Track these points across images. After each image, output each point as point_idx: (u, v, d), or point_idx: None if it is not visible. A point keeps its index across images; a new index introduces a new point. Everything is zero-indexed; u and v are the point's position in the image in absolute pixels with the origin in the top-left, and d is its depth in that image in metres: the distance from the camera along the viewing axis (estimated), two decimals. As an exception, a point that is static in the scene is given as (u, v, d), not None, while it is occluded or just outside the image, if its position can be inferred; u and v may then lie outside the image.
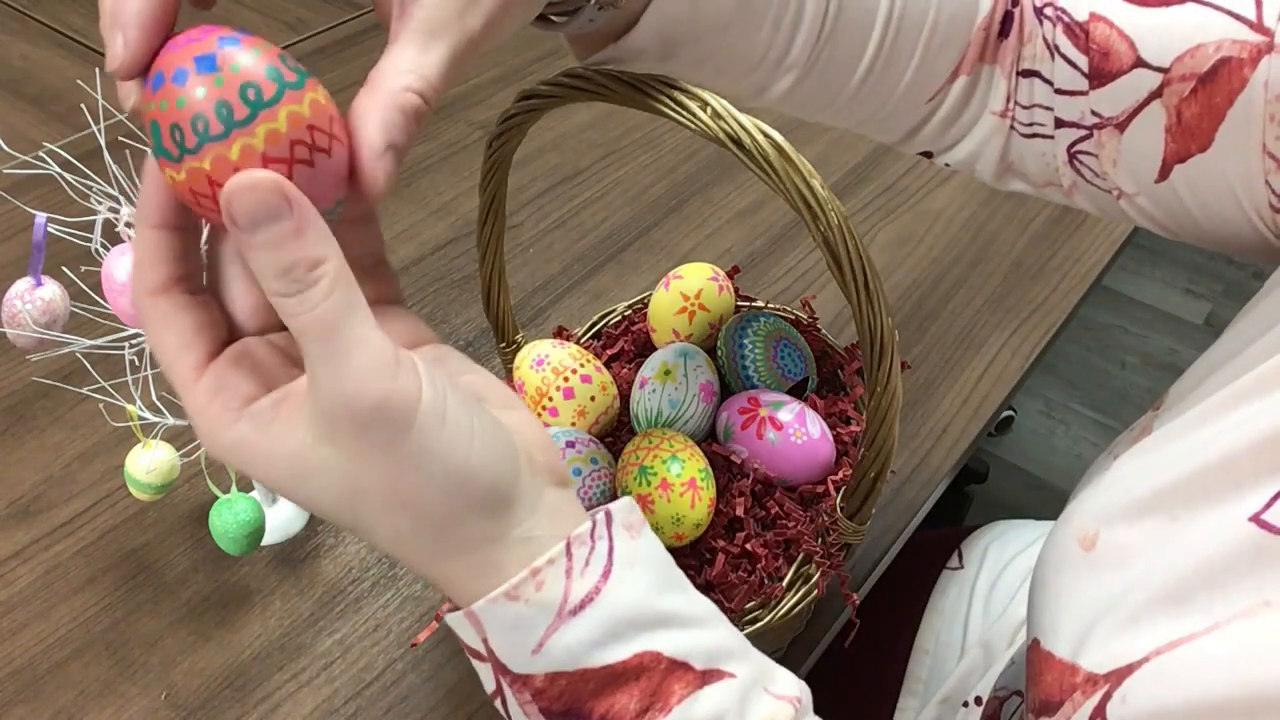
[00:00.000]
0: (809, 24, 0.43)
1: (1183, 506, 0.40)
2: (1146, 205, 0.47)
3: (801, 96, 0.47)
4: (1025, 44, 0.47)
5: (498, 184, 0.49)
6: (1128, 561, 0.41)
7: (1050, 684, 0.42)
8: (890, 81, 0.47)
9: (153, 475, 0.58)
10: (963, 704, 0.67)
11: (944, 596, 0.80)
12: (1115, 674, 0.39)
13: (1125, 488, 0.43)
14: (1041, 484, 1.73)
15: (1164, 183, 0.45)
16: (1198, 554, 0.38)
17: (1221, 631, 0.36)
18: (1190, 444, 0.42)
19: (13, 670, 0.60)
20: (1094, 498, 0.45)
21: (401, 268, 0.87)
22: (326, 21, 1.22)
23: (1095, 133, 0.46)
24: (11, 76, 1.12)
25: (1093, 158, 0.47)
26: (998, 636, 0.72)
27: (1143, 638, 0.38)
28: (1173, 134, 0.44)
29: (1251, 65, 0.41)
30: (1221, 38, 0.41)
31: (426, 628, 0.61)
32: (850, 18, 0.44)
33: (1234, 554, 0.37)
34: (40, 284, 0.54)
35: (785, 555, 0.50)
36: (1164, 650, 0.37)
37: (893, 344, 0.40)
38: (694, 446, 0.51)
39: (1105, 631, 0.40)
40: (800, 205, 0.37)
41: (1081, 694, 0.40)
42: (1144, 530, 0.41)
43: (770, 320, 0.57)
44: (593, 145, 1.01)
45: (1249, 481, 0.38)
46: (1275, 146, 0.41)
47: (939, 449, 0.72)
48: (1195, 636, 0.37)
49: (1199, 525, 0.39)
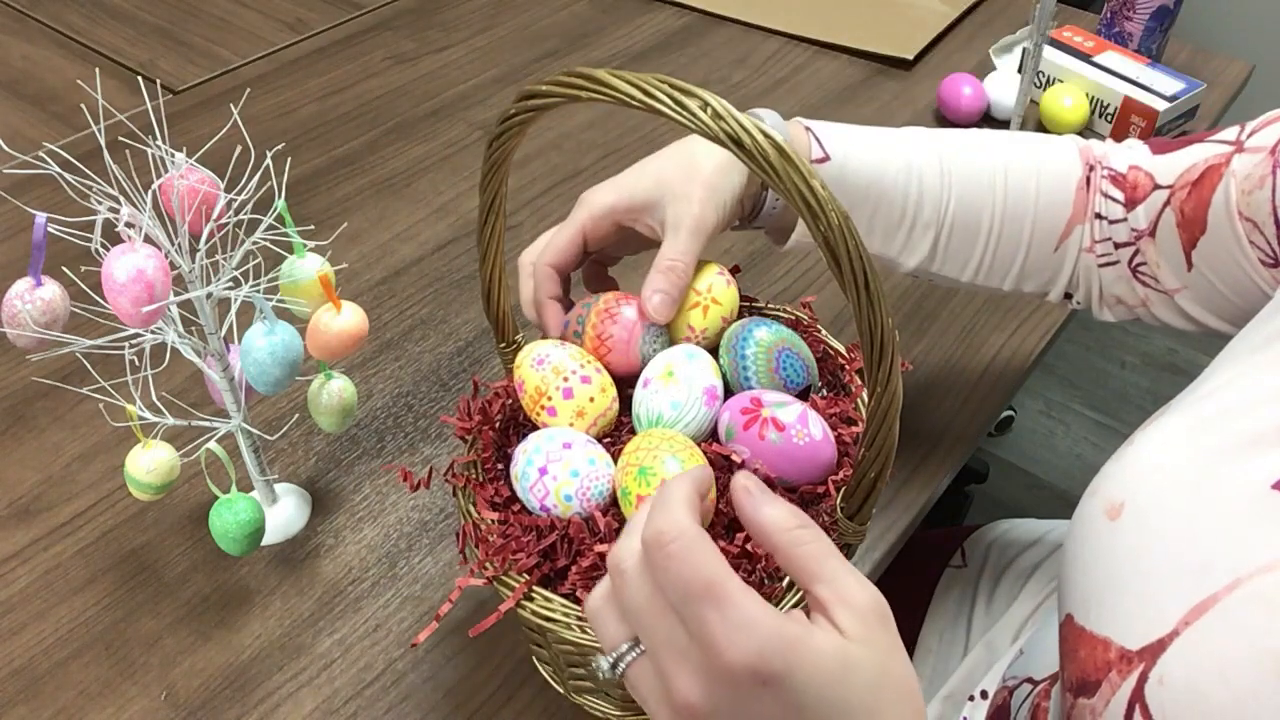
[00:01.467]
0: (931, 199, 0.61)
1: (1204, 473, 0.41)
2: (1190, 297, 0.60)
3: (945, 255, 0.64)
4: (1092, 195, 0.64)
5: (498, 184, 0.49)
6: (1152, 528, 0.42)
7: (1085, 660, 0.43)
8: (1015, 229, 0.63)
9: (153, 475, 0.58)
10: (968, 699, 0.67)
11: (947, 595, 0.80)
12: (1148, 650, 0.39)
13: (1149, 457, 0.45)
14: (1041, 484, 1.73)
15: (1192, 271, 0.59)
16: (1220, 517, 0.40)
17: (1243, 588, 0.37)
18: (1209, 415, 0.43)
19: (13, 670, 0.60)
20: (1119, 469, 0.46)
21: (401, 268, 0.87)
22: (326, 21, 1.22)
23: (1138, 245, 0.61)
24: (11, 76, 1.12)
25: (1145, 266, 0.62)
26: (1001, 634, 0.72)
27: (1170, 604, 0.39)
28: (1182, 227, 0.58)
29: (1227, 164, 0.56)
30: (1209, 155, 0.58)
31: (426, 628, 0.61)
32: (964, 186, 0.62)
33: (1256, 516, 0.38)
34: (40, 284, 0.54)
35: (785, 555, 0.50)
36: (1192, 620, 0.38)
37: (893, 344, 0.40)
38: (694, 447, 0.51)
39: (1134, 601, 0.41)
40: (800, 205, 0.37)
41: (1118, 673, 0.40)
42: (1168, 497, 0.42)
43: (773, 330, 0.57)
44: (593, 145, 1.01)
45: (1269, 449, 0.39)
46: (1247, 210, 0.54)
47: (939, 449, 0.72)
48: (1218, 597, 0.38)
49: (1222, 490, 0.40)
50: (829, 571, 0.37)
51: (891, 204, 0.61)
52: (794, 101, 1.07)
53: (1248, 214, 0.54)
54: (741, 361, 0.56)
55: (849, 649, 0.35)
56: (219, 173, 0.56)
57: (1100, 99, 1.00)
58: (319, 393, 0.63)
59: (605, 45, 1.17)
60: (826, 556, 0.37)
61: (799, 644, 0.34)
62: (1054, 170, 0.63)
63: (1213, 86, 1.05)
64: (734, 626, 0.34)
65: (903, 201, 0.61)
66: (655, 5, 1.24)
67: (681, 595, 0.35)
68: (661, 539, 0.36)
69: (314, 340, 0.59)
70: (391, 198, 0.95)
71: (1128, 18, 1.06)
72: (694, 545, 0.35)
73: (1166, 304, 0.62)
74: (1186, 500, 0.41)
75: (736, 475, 0.39)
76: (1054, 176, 0.63)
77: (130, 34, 1.19)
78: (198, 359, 0.58)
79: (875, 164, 0.60)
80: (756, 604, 0.35)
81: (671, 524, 0.36)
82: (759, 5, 1.22)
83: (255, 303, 0.55)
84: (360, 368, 0.79)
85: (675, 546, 0.36)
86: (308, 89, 1.10)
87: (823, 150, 0.59)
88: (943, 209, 0.62)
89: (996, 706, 0.62)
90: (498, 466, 0.55)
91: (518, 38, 1.19)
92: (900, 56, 1.12)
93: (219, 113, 1.05)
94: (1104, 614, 0.42)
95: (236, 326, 0.57)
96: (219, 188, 0.55)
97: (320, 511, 0.68)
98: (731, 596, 0.34)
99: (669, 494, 0.38)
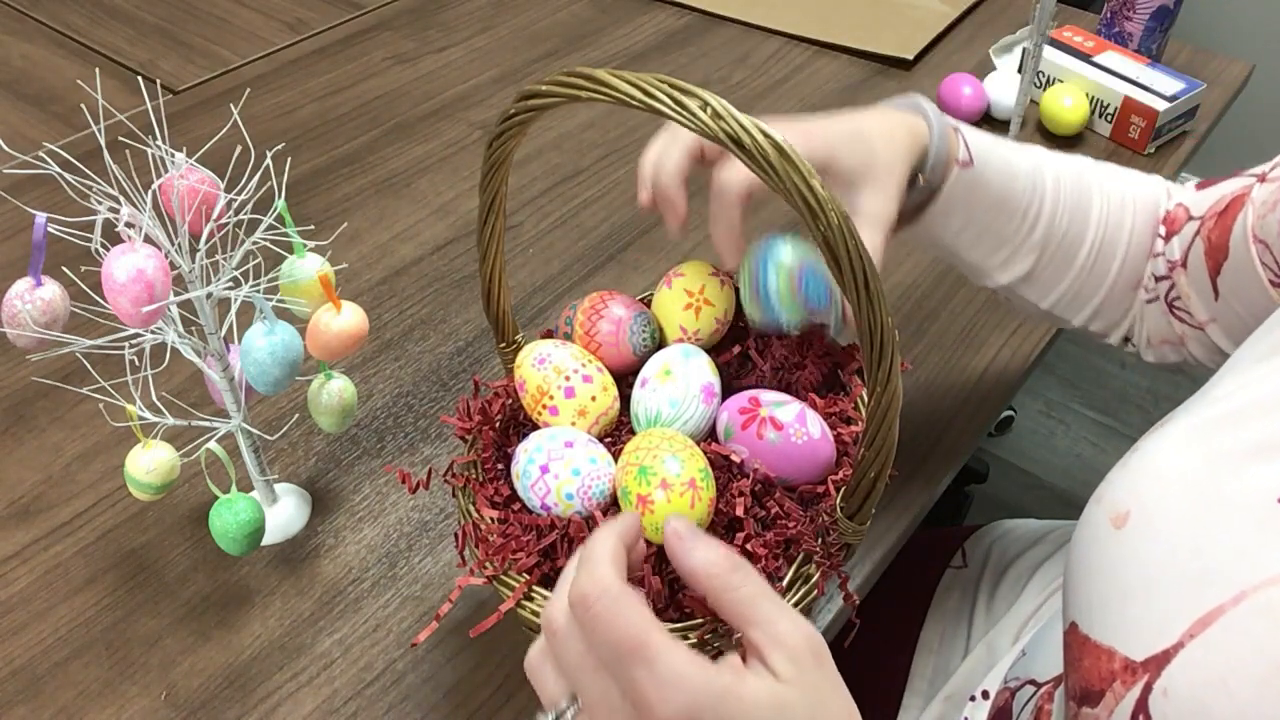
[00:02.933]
0: (1046, 219, 0.62)
1: (1210, 482, 0.41)
2: (1220, 330, 0.61)
3: (1039, 277, 0.64)
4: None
5: (498, 184, 0.49)
6: (1158, 537, 0.42)
7: (1089, 670, 0.43)
8: (1105, 262, 0.64)
9: (153, 475, 0.58)
10: (969, 699, 0.67)
11: (947, 595, 0.80)
12: (1152, 661, 0.39)
13: (1155, 464, 0.44)
14: (1041, 484, 1.73)
15: (1219, 301, 0.60)
16: (1226, 527, 0.39)
17: (1249, 600, 0.37)
18: (1215, 423, 0.43)
19: (13, 670, 0.60)
20: (1124, 477, 0.46)
21: (401, 268, 0.87)
22: (326, 21, 1.22)
23: (1172, 276, 0.63)
24: (11, 76, 1.12)
25: (1180, 300, 0.63)
26: (1002, 634, 0.72)
27: (1175, 615, 0.39)
28: (1209, 255, 0.60)
29: (1249, 193, 0.58)
30: (1237, 187, 0.60)
31: (426, 628, 0.61)
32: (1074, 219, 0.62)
33: (1261, 527, 0.38)
34: (40, 284, 0.54)
35: (785, 555, 0.50)
36: (1196, 633, 0.38)
37: (893, 344, 0.40)
38: (694, 446, 0.51)
39: (1139, 610, 0.41)
40: (800, 205, 0.37)
41: (1121, 684, 0.40)
42: (1173, 505, 0.42)
43: (796, 249, 0.56)
44: (593, 145, 1.01)
45: (1274, 459, 0.39)
46: (1260, 232, 0.56)
47: (939, 449, 0.72)
48: (1224, 609, 0.37)
49: (1228, 499, 0.40)
50: (762, 614, 0.37)
51: (1011, 216, 0.61)
52: (794, 101, 1.07)
53: (1261, 235, 0.56)
54: (764, 278, 0.56)
55: (781, 692, 0.36)
56: (219, 173, 0.56)
57: (1100, 99, 1.00)
58: (319, 393, 0.63)
59: (605, 45, 1.17)
60: (759, 599, 0.37)
61: (729, 694, 0.35)
62: (1145, 208, 0.64)
63: (1213, 86, 1.05)
64: (663, 683, 0.34)
65: (1021, 217, 0.61)
66: (655, 5, 1.24)
67: (611, 654, 0.36)
68: (586, 600, 0.36)
69: (314, 340, 0.59)
70: (391, 198, 0.95)
71: (1128, 18, 1.06)
72: (618, 604, 0.36)
73: (1199, 339, 0.63)
74: (1192, 509, 0.41)
75: (668, 519, 0.40)
76: (1146, 215, 0.64)
77: (130, 34, 1.19)
78: (198, 359, 0.58)
79: (1007, 175, 0.60)
80: (684, 657, 0.35)
81: (594, 583, 0.36)
82: (759, 5, 1.22)
83: (255, 303, 0.55)
84: (360, 368, 0.79)
85: (599, 607, 0.36)
86: (308, 89, 1.10)
87: (968, 154, 0.59)
88: (1053, 231, 0.62)
89: (998, 708, 0.62)
90: (498, 466, 0.55)
91: (518, 38, 1.19)
92: (900, 56, 1.12)
93: (219, 113, 1.05)
94: (1109, 623, 0.42)
95: (236, 326, 0.57)
96: (219, 188, 0.55)
97: (320, 511, 0.68)
98: (658, 653, 0.35)
99: (592, 550, 0.38)
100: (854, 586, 0.64)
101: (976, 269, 0.64)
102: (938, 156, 0.57)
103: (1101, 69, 1.00)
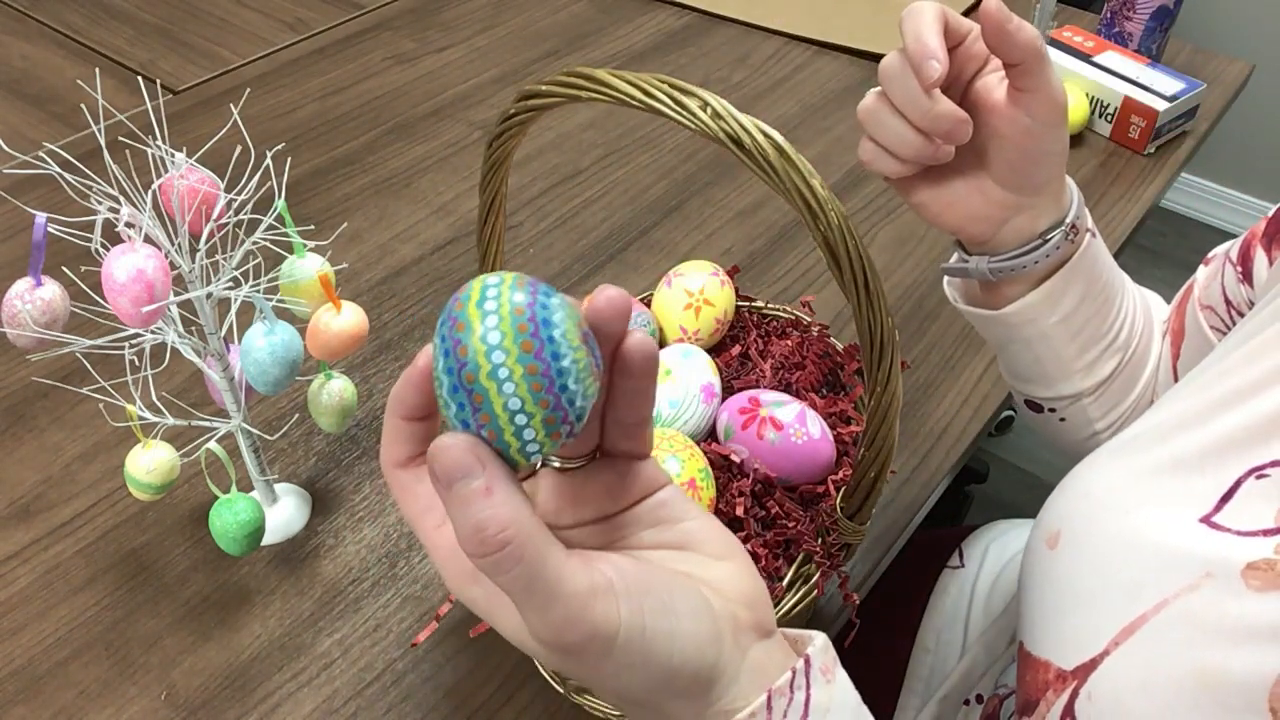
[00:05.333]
0: (1128, 317, 0.59)
1: (1134, 498, 0.43)
2: None
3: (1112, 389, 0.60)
4: None
5: (498, 184, 0.49)
6: (1085, 555, 0.44)
7: (1030, 683, 0.44)
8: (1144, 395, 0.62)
9: (153, 475, 0.58)
10: (963, 702, 0.67)
11: (945, 595, 0.80)
12: (1081, 669, 0.41)
13: (1081, 486, 0.47)
14: (1041, 484, 1.73)
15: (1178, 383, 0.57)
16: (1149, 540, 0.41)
17: (1170, 608, 0.39)
18: (1140, 439, 0.45)
19: (13, 670, 0.60)
20: (1059, 499, 0.48)
21: (401, 268, 0.87)
22: (326, 21, 1.22)
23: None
24: (11, 76, 1.12)
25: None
26: (998, 636, 0.72)
27: (1104, 626, 0.41)
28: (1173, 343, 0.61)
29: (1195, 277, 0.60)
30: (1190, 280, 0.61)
31: (426, 628, 0.61)
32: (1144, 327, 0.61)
33: (1183, 546, 0.40)
34: (40, 284, 0.54)
35: (785, 555, 0.50)
36: (1121, 640, 0.40)
37: (893, 344, 0.40)
38: (693, 446, 0.51)
39: (1072, 623, 0.43)
40: (800, 205, 0.37)
41: (1054, 692, 0.42)
42: (1099, 523, 0.44)
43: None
44: (593, 145, 1.01)
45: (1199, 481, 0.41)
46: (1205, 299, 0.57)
47: (939, 449, 0.72)
48: (1146, 618, 0.39)
49: (1151, 513, 0.42)
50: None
51: (1110, 304, 0.58)
52: (794, 101, 1.07)
53: (1206, 302, 0.57)
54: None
55: None
56: (219, 173, 0.56)
57: (1100, 99, 1.00)
58: (319, 393, 0.63)
59: (605, 45, 1.17)
60: None
61: None
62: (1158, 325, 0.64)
63: (1213, 86, 1.05)
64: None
65: (1118, 309, 0.59)
66: (655, 5, 1.24)
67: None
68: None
69: (314, 340, 0.59)
70: (391, 198, 0.95)
71: (1128, 18, 1.06)
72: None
73: None
74: (1117, 525, 0.43)
75: None
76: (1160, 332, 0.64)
77: (130, 34, 1.19)
78: (198, 359, 0.58)
79: (1110, 262, 0.58)
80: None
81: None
82: (759, 5, 1.22)
83: (255, 303, 0.55)
84: (360, 368, 0.78)
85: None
86: (308, 89, 1.10)
87: (1090, 227, 0.55)
88: (1133, 333, 0.60)
89: (987, 715, 0.62)
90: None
91: (518, 38, 1.19)
92: (900, 56, 1.12)
93: (219, 113, 1.05)
94: (1046, 638, 0.44)
95: (236, 326, 0.57)
96: (219, 188, 0.55)
97: (320, 511, 0.68)
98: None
99: None
100: (853, 586, 0.64)
101: (1059, 366, 0.59)
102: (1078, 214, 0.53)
103: (1101, 69, 1.00)
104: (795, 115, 1.05)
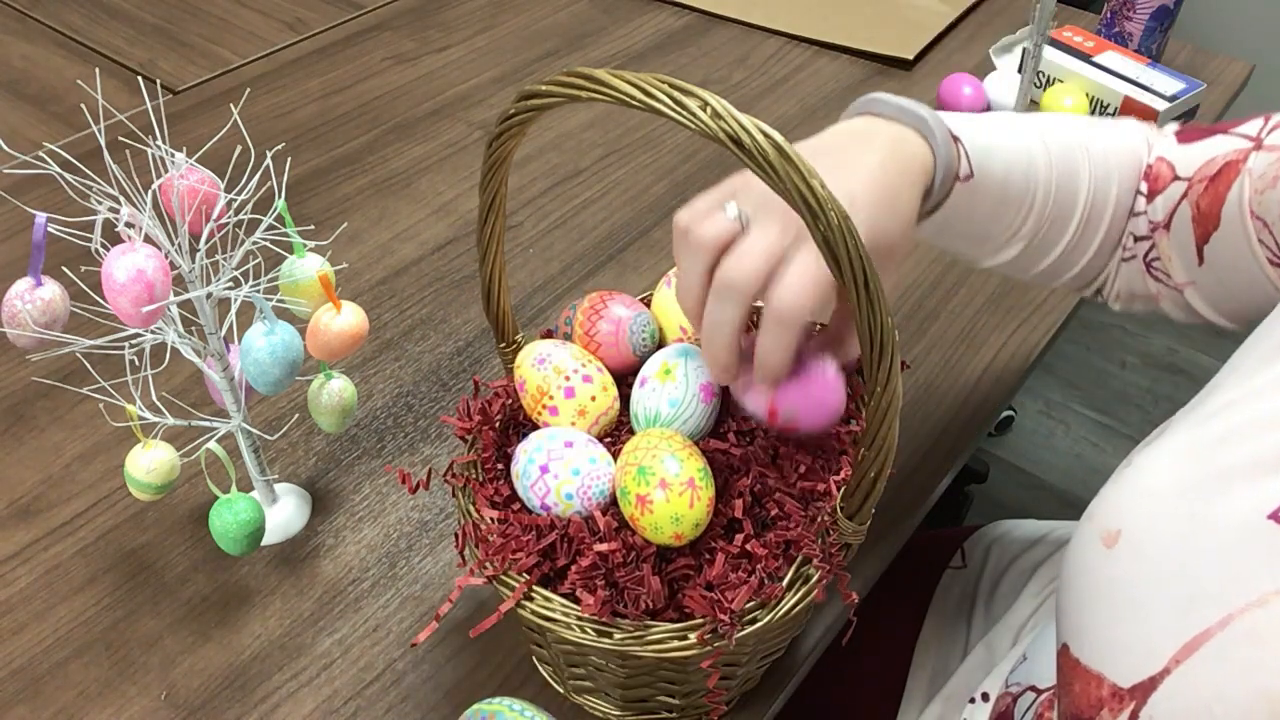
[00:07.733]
0: (1038, 210, 0.59)
1: (1202, 501, 0.40)
2: (1197, 292, 0.60)
3: (1023, 260, 0.62)
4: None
5: (498, 184, 0.49)
6: (1146, 559, 0.41)
7: (1079, 695, 0.42)
8: (1091, 235, 0.62)
9: (153, 475, 0.58)
10: (969, 700, 0.66)
11: (947, 595, 0.80)
12: (1140, 688, 0.39)
13: (1146, 482, 0.43)
14: (1041, 484, 1.73)
15: (1203, 266, 0.58)
16: (1213, 548, 0.39)
17: (1235, 624, 0.37)
18: (1210, 439, 0.42)
19: (13, 670, 0.60)
20: (1116, 494, 0.45)
21: (401, 268, 0.87)
22: (326, 21, 1.22)
23: (1154, 238, 0.61)
24: (11, 76, 1.12)
25: (1159, 261, 0.61)
26: (1001, 635, 0.72)
27: (1162, 640, 0.39)
28: (1196, 222, 0.58)
29: (1244, 161, 0.55)
30: (1228, 150, 0.57)
31: (426, 628, 0.61)
32: (1063, 201, 0.59)
33: (1250, 547, 0.38)
34: (40, 284, 0.54)
35: (785, 556, 0.50)
36: (1182, 659, 0.38)
37: (893, 344, 0.40)
38: (693, 446, 0.51)
39: (1127, 634, 0.40)
40: (800, 205, 0.37)
41: (1109, 711, 0.40)
42: (1163, 525, 0.41)
43: None
44: (593, 145, 1.01)
45: (1268, 477, 0.39)
46: (1259, 209, 0.54)
47: (939, 449, 0.72)
48: (1210, 634, 0.37)
49: (1217, 519, 0.39)
50: None
51: (1003, 217, 0.59)
52: (794, 101, 1.07)
53: (1259, 213, 0.54)
54: None
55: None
56: (219, 173, 0.56)
57: (1100, 99, 1.00)
58: (319, 393, 0.63)
59: (605, 45, 1.17)
60: None
61: None
62: (1128, 167, 0.61)
63: (1213, 86, 1.05)
64: None
65: (1014, 214, 0.59)
66: (655, 5, 1.24)
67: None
68: None
69: (314, 340, 0.59)
70: (391, 198, 0.95)
71: (1128, 18, 1.06)
72: None
73: (1174, 299, 0.62)
74: (1181, 529, 0.40)
75: None
76: (1129, 176, 0.61)
77: (130, 34, 1.19)
78: (198, 359, 0.58)
79: (1003, 178, 0.57)
80: None
81: None
82: (759, 5, 1.22)
83: (255, 303, 0.55)
84: (360, 368, 0.79)
85: None
86: (308, 89, 1.10)
87: (969, 167, 0.55)
88: (1043, 219, 0.59)
89: (999, 712, 0.62)
90: (498, 466, 0.55)
91: (518, 38, 1.19)
92: (900, 56, 1.12)
93: (219, 113, 1.05)
94: (1098, 648, 0.42)
95: (236, 326, 0.57)
96: (219, 188, 0.55)
97: (320, 511, 0.68)
98: None
99: None
100: (854, 586, 0.64)
101: (962, 257, 0.63)
102: (943, 182, 0.54)
103: (1101, 69, 1.00)
104: (795, 115, 1.05)
